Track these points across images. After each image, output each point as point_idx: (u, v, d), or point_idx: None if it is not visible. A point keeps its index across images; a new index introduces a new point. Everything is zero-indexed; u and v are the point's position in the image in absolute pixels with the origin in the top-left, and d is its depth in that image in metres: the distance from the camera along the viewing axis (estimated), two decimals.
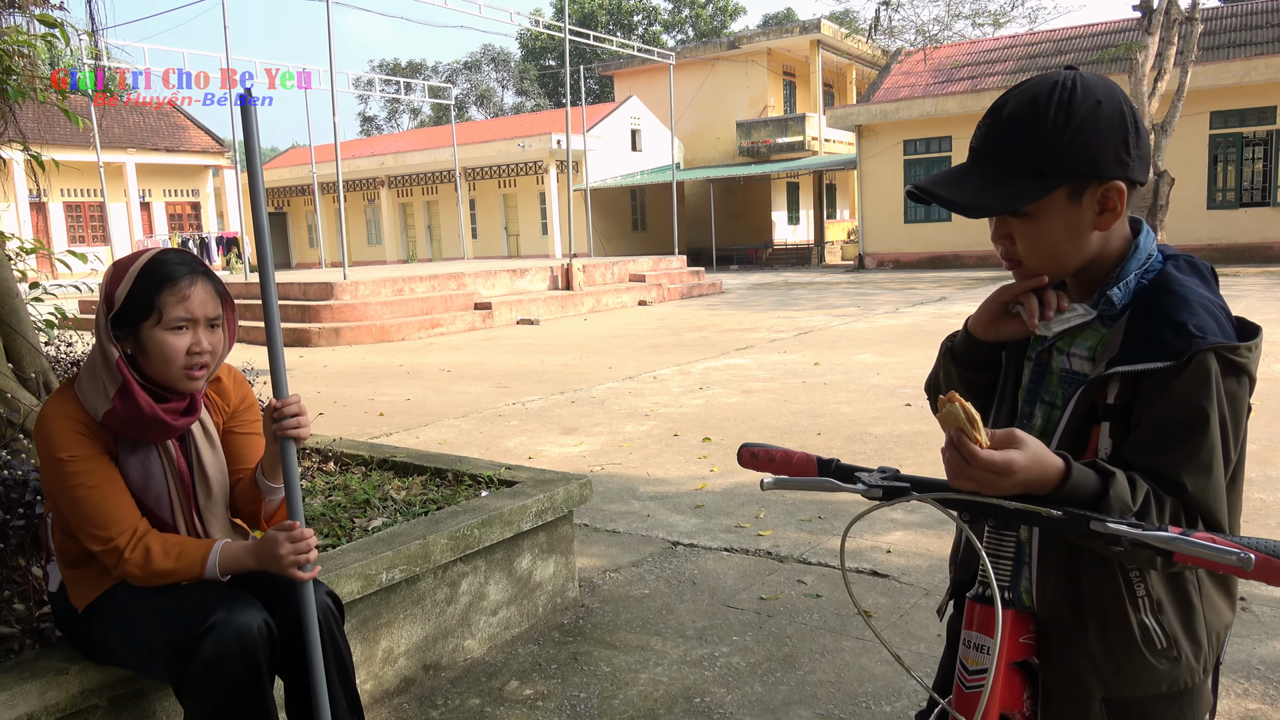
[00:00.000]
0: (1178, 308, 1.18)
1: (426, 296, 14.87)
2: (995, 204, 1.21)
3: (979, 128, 1.27)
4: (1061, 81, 1.21)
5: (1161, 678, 1.25)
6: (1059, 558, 1.28)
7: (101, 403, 1.89)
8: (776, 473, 1.39)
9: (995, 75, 25.32)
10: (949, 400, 1.10)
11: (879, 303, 16.00)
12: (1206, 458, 1.15)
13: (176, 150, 32.90)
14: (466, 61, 62.06)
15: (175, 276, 1.89)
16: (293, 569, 1.90)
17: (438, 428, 6.97)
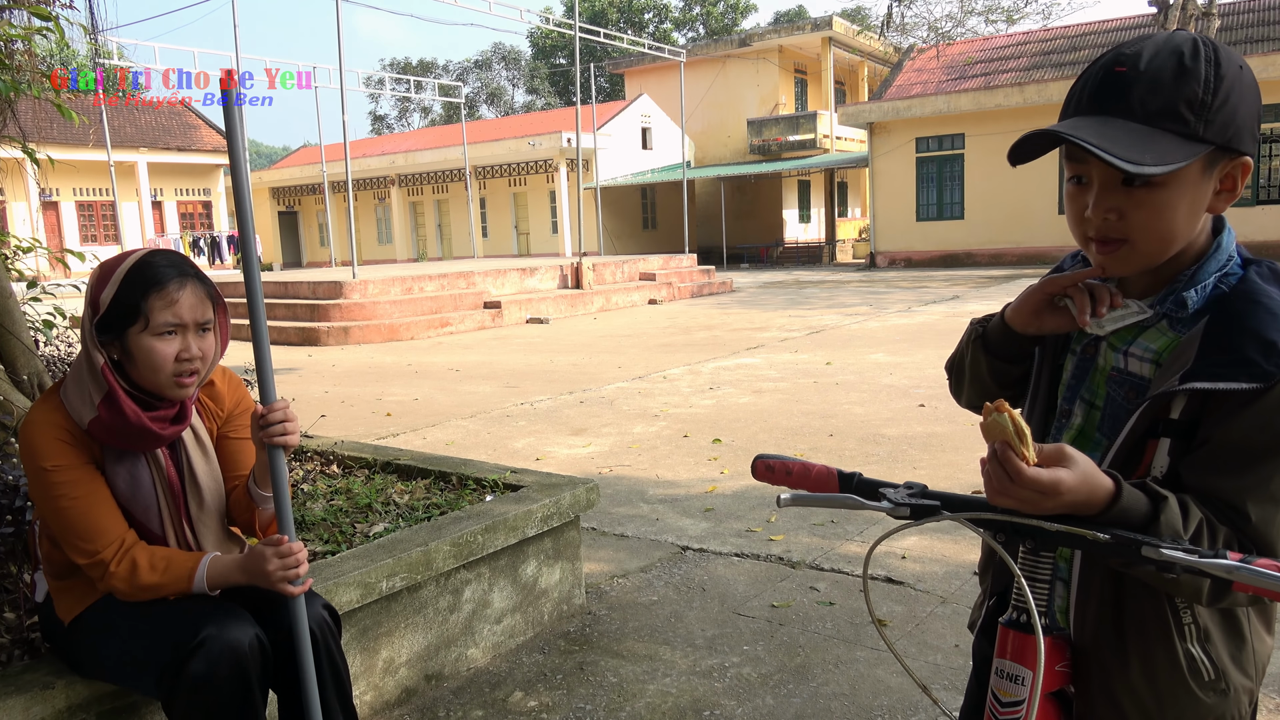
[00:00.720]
0: (1267, 323, 1.07)
1: (436, 295, 14.82)
2: (1153, 163, 1.04)
3: (1104, 77, 1.12)
4: (1199, 38, 1.09)
5: (1207, 712, 1.16)
6: (1101, 580, 1.18)
7: (87, 410, 1.81)
8: (794, 487, 1.30)
9: (1009, 72, 25.11)
10: (996, 409, 1.00)
11: (891, 301, 15.86)
12: (1277, 489, 1.05)
13: (188, 149, 32.98)
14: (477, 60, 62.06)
15: (163, 280, 1.80)
16: (282, 584, 1.82)
17: (445, 428, 6.90)
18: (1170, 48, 1.09)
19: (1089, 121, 1.10)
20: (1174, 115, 1.07)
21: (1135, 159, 1.04)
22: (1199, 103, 1.07)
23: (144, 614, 1.87)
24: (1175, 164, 1.05)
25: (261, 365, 1.82)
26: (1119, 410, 1.20)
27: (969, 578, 3.57)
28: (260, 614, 1.91)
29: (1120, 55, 1.12)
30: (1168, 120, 1.07)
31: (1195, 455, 1.09)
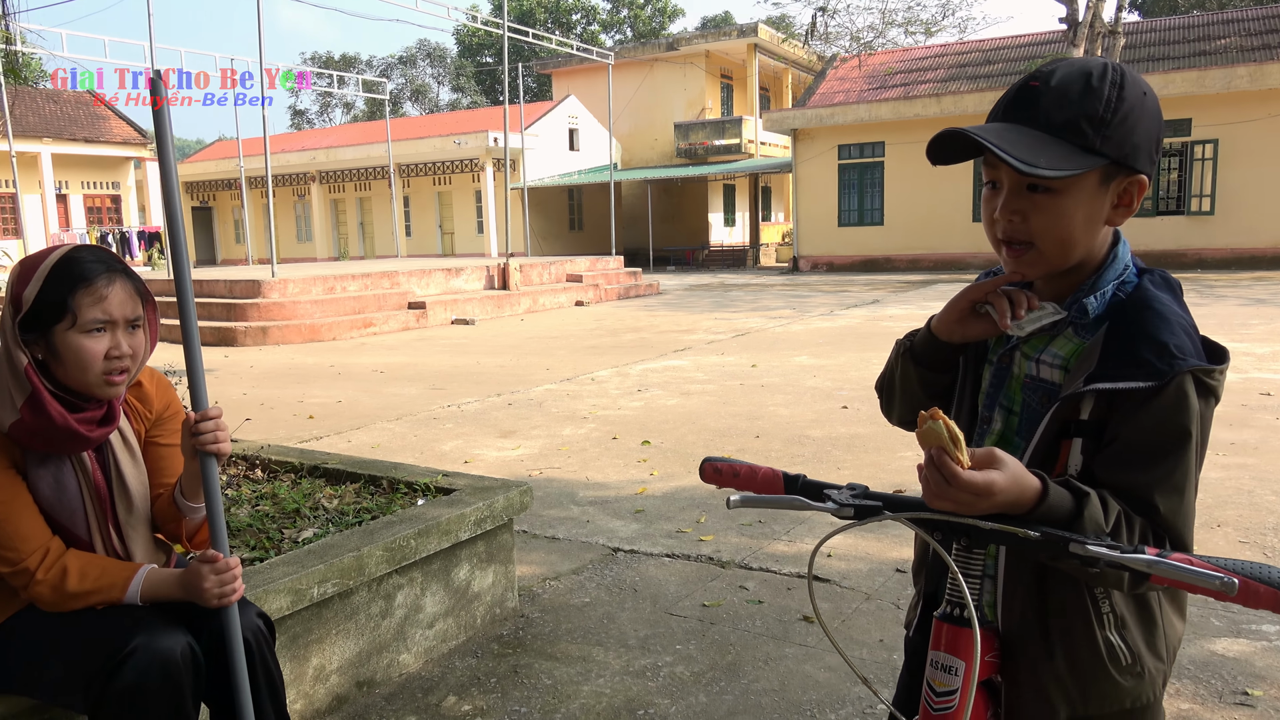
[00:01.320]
0: (1159, 326, 1.17)
1: (359, 295, 14.55)
2: (1046, 166, 1.13)
3: (1019, 91, 1.21)
4: (1110, 64, 1.19)
5: (1126, 694, 1.24)
6: (1027, 575, 1.25)
7: (7, 413, 1.75)
8: (741, 488, 1.35)
9: (927, 83, 25.85)
10: (931, 417, 1.06)
11: (814, 305, 16.18)
12: (1180, 480, 1.14)
13: (96, 141, 31.64)
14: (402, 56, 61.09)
15: (90, 275, 1.75)
16: (217, 601, 1.79)
17: (370, 430, 6.80)
18: (1081, 69, 1.19)
19: (999, 127, 1.20)
20: (1074, 128, 1.16)
21: (1030, 161, 1.13)
22: (1098, 119, 1.16)
23: (69, 624, 1.81)
24: (1068, 171, 1.15)
25: (193, 369, 1.78)
26: (1034, 415, 1.27)
27: (892, 574, 3.68)
28: (192, 622, 1.87)
29: (1037, 72, 1.21)
30: (1068, 132, 1.17)
31: (1105, 453, 1.17)
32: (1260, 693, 2.71)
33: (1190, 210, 21.99)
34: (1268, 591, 0.98)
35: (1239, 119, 20.99)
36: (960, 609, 1.24)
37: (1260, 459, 5.25)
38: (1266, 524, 4.19)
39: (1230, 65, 20.80)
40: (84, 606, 1.81)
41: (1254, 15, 23.95)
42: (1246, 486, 4.74)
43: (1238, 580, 0.97)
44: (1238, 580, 0.97)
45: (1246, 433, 5.85)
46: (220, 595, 1.80)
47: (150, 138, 32.78)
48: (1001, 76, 24.65)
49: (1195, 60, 22.18)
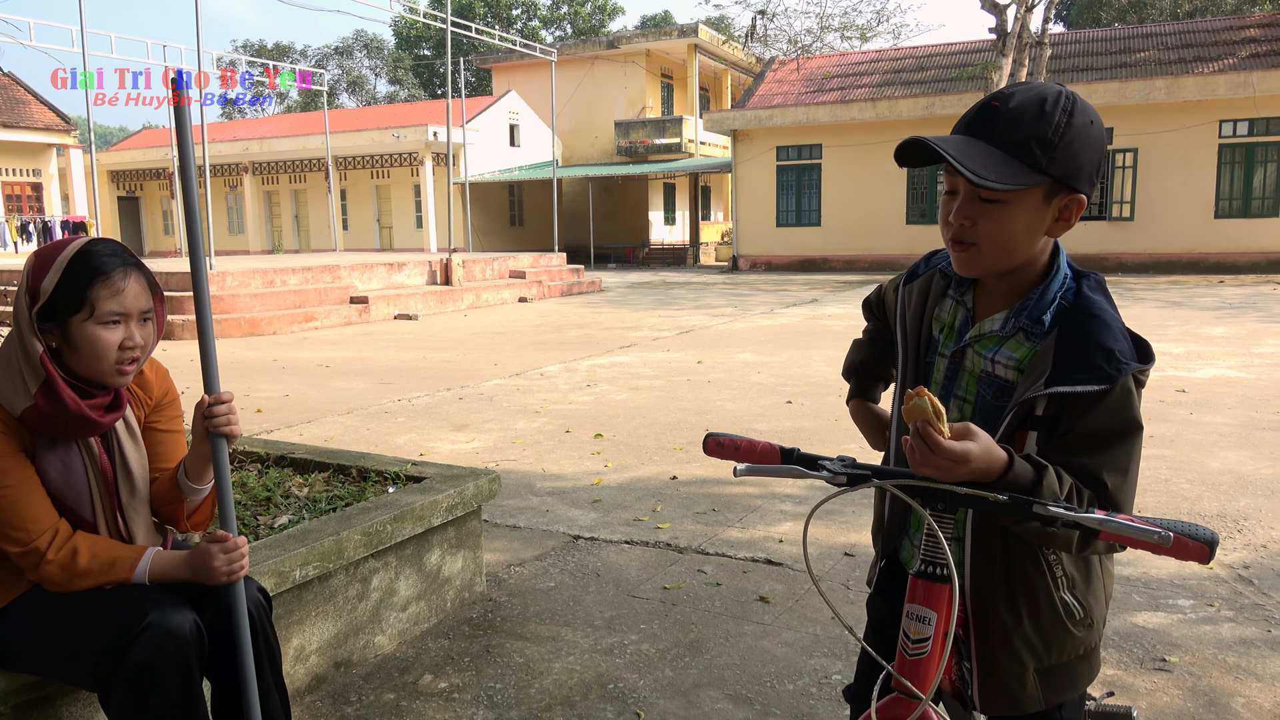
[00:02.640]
0: (1104, 334, 1.33)
1: (299, 289, 14.37)
2: (995, 179, 1.28)
3: (983, 110, 1.35)
4: (1064, 92, 1.34)
5: (1080, 643, 1.46)
6: (991, 541, 1.43)
7: (20, 399, 1.81)
8: (741, 460, 1.50)
9: (863, 88, 26.43)
10: (917, 394, 1.23)
11: (755, 304, 16.48)
12: (1125, 461, 1.33)
13: (15, 126, 30.42)
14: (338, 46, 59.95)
15: (108, 269, 1.82)
16: (226, 578, 1.88)
17: (321, 425, 6.80)
18: (1038, 94, 1.34)
19: (960, 140, 1.35)
20: (1025, 147, 1.31)
21: (982, 174, 1.28)
22: (1046, 141, 1.30)
23: (76, 603, 1.88)
24: (1015, 186, 1.29)
25: (206, 356, 1.87)
26: (988, 406, 1.45)
27: (841, 558, 3.89)
28: (193, 599, 1.95)
29: (998, 94, 1.37)
30: (1019, 151, 1.31)
31: (1060, 441, 1.35)
32: (1177, 659, 2.97)
33: (1111, 216, 22.93)
34: (1196, 545, 1.18)
35: (1156, 129, 21.98)
36: (935, 566, 1.41)
37: (1175, 450, 5.61)
38: (1181, 509, 4.51)
39: (1149, 78, 21.75)
40: (91, 586, 1.88)
41: (1171, 30, 25.08)
42: (1163, 475, 5.08)
43: (1172, 535, 1.16)
44: (1172, 535, 1.16)
45: (1163, 426, 6.23)
46: (229, 573, 1.89)
47: (75, 124, 31.71)
48: (935, 82, 25.34)
49: (1117, 72, 23.13)
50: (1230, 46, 22.89)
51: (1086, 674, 1.50)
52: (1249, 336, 10.76)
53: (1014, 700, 1.47)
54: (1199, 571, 3.69)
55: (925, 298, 1.57)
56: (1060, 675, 1.47)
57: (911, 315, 1.59)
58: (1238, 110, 21.32)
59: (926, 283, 1.58)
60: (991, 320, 1.46)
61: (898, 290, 1.66)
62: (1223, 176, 21.82)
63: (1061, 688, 1.48)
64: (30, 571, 1.87)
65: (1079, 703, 1.58)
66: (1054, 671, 1.46)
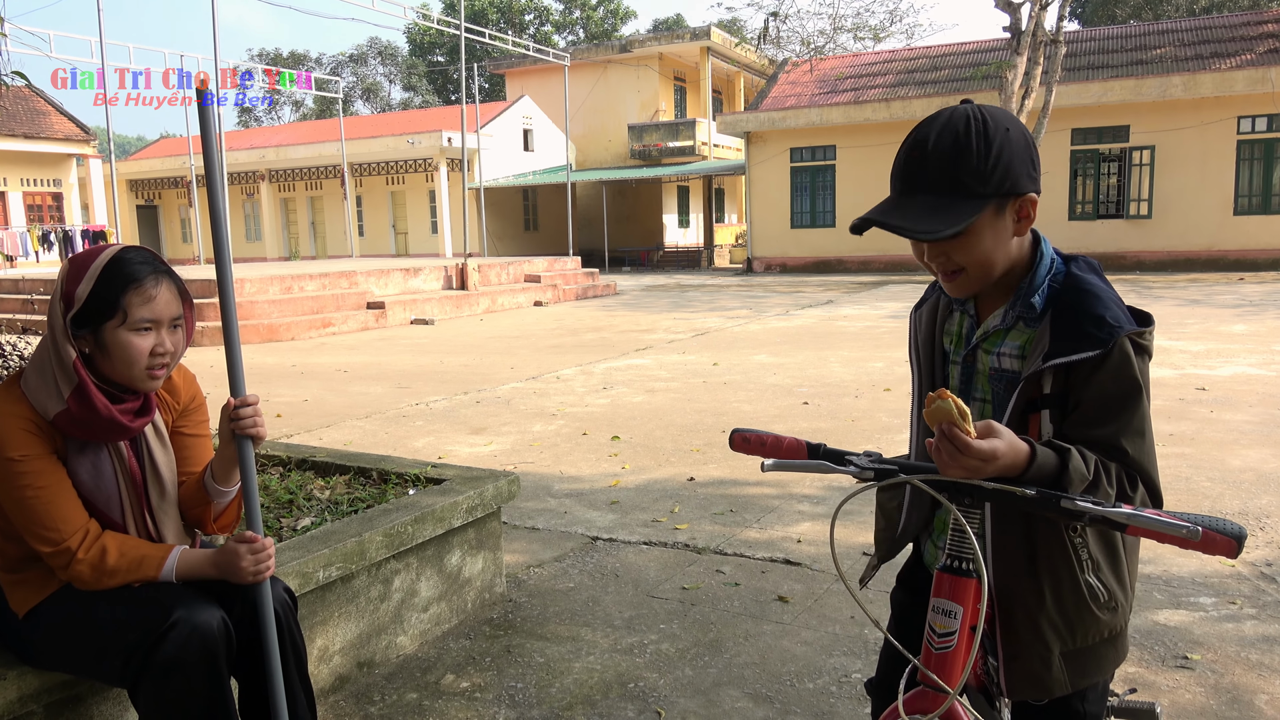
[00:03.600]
0: (1093, 304, 1.39)
1: (317, 295, 14.47)
2: (946, 228, 1.34)
3: (906, 161, 1.40)
4: (970, 114, 1.38)
5: (1105, 626, 1.47)
6: (1016, 531, 1.45)
7: (53, 403, 1.84)
8: (768, 455, 1.52)
9: (876, 88, 26.37)
10: (940, 397, 1.24)
11: (770, 305, 16.47)
12: (1139, 424, 1.36)
13: (36, 137, 30.79)
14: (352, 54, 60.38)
15: (140, 276, 1.86)
16: (253, 578, 1.91)
17: (340, 429, 6.85)
18: (949, 128, 1.37)
19: (900, 202, 1.40)
20: (958, 184, 1.36)
21: (930, 229, 1.35)
22: (974, 170, 1.36)
23: (106, 602, 1.91)
24: (965, 221, 1.35)
25: (233, 360, 1.90)
26: (1003, 401, 1.48)
27: (860, 558, 3.89)
28: (221, 597, 1.98)
29: (915, 141, 1.41)
30: (955, 188, 1.36)
31: (1072, 417, 1.39)
32: (1199, 656, 2.95)
33: (1129, 214, 22.78)
34: (1224, 540, 1.19)
35: (1174, 126, 21.82)
36: (961, 561, 1.42)
37: (1196, 449, 5.58)
38: (1202, 507, 4.48)
39: (1165, 75, 21.59)
40: (120, 584, 1.91)
41: (1187, 26, 24.89)
42: (1184, 474, 5.05)
43: (1201, 530, 1.17)
44: (1201, 530, 1.17)
45: (1184, 424, 6.19)
46: (256, 573, 1.91)
47: (94, 134, 32.06)
48: (949, 82, 25.27)
49: (1133, 69, 22.97)
50: (1248, 42, 22.70)
51: (1112, 658, 1.50)
52: (1270, 334, 10.67)
53: (1040, 683, 1.47)
54: (1220, 569, 3.67)
55: (934, 317, 1.64)
56: (1085, 658, 1.48)
57: (924, 335, 1.65)
58: (1256, 106, 21.13)
59: (934, 305, 1.65)
60: (993, 317, 1.51)
61: (911, 317, 1.73)
62: (1241, 173, 21.63)
63: (1087, 671, 1.48)
64: (61, 571, 1.90)
65: (1102, 694, 1.59)
66: (1079, 655, 1.47)
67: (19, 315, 14.12)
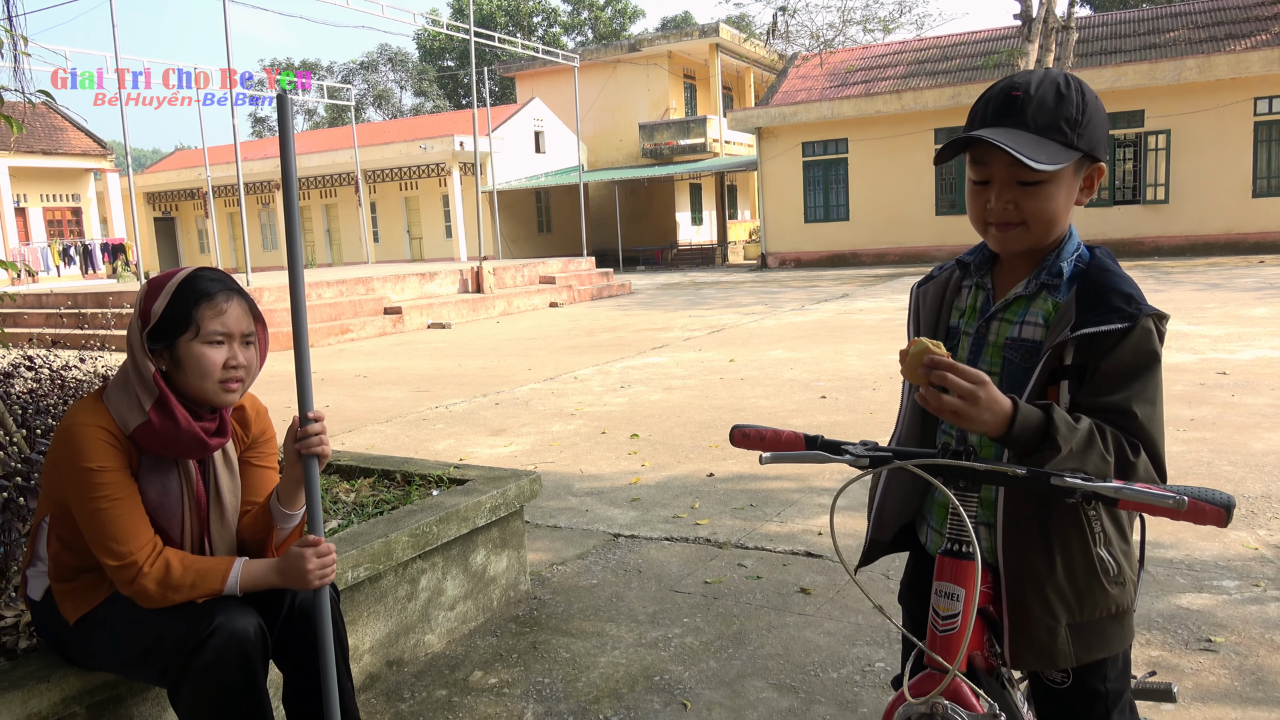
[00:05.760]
0: (1122, 283, 1.45)
1: (335, 302, 14.59)
2: (1049, 162, 1.39)
3: (1005, 99, 1.44)
4: (1065, 74, 1.46)
5: (1112, 601, 1.49)
6: (1030, 502, 1.48)
7: (134, 416, 1.90)
8: (767, 449, 1.55)
9: (887, 79, 26.28)
10: (911, 344, 1.31)
11: (785, 301, 16.46)
12: (1151, 393, 1.40)
13: (54, 153, 31.17)
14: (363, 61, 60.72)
15: (212, 292, 1.94)
16: (318, 582, 1.96)
17: (362, 434, 6.92)
18: (1050, 80, 1.45)
19: (998, 130, 1.44)
20: (1057, 129, 1.43)
21: (1035, 158, 1.39)
22: (1073, 120, 1.43)
23: (151, 609, 1.96)
24: (1061, 164, 1.42)
25: (301, 376, 1.95)
26: (1017, 370, 1.51)
27: None
28: (259, 598, 2.03)
29: (1014, 83, 1.47)
30: (1053, 132, 1.42)
31: (1089, 384, 1.43)
32: (1222, 639, 2.96)
33: (1146, 199, 22.59)
34: (1213, 509, 1.22)
35: (1189, 110, 21.63)
36: (961, 545, 1.45)
37: (1217, 433, 5.55)
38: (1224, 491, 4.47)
39: (1179, 58, 21.40)
40: (184, 600, 1.92)
41: (1201, 8, 24.64)
42: (1205, 458, 5.04)
43: (1187, 500, 1.20)
44: (1187, 500, 1.20)
45: (1204, 409, 6.16)
46: (321, 576, 1.97)
47: (111, 149, 32.39)
48: (960, 72, 25.15)
49: (1146, 53, 22.79)
50: (1263, 22, 22.46)
51: (1118, 636, 1.52)
52: None
53: (1044, 653, 1.49)
54: (1243, 552, 3.67)
55: (943, 293, 1.67)
56: (1091, 632, 1.50)
57: (927, 310, 1.68)
58: (1272, 87, 20.92)
59: (943, 282, 1.68)
60: (1016, 287, 1.55)
61: (913, 292, 1.76)
62: (1259, 154, 21.40)
63: (1092, 645, 1.50)
64: (124, 586, 1.91)
65: (1123, 672, 1.60)
66: (1085, 628, 1.49)
67: (46, 329, 14.31)
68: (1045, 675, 1.60)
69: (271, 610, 2.04)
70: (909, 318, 1.75)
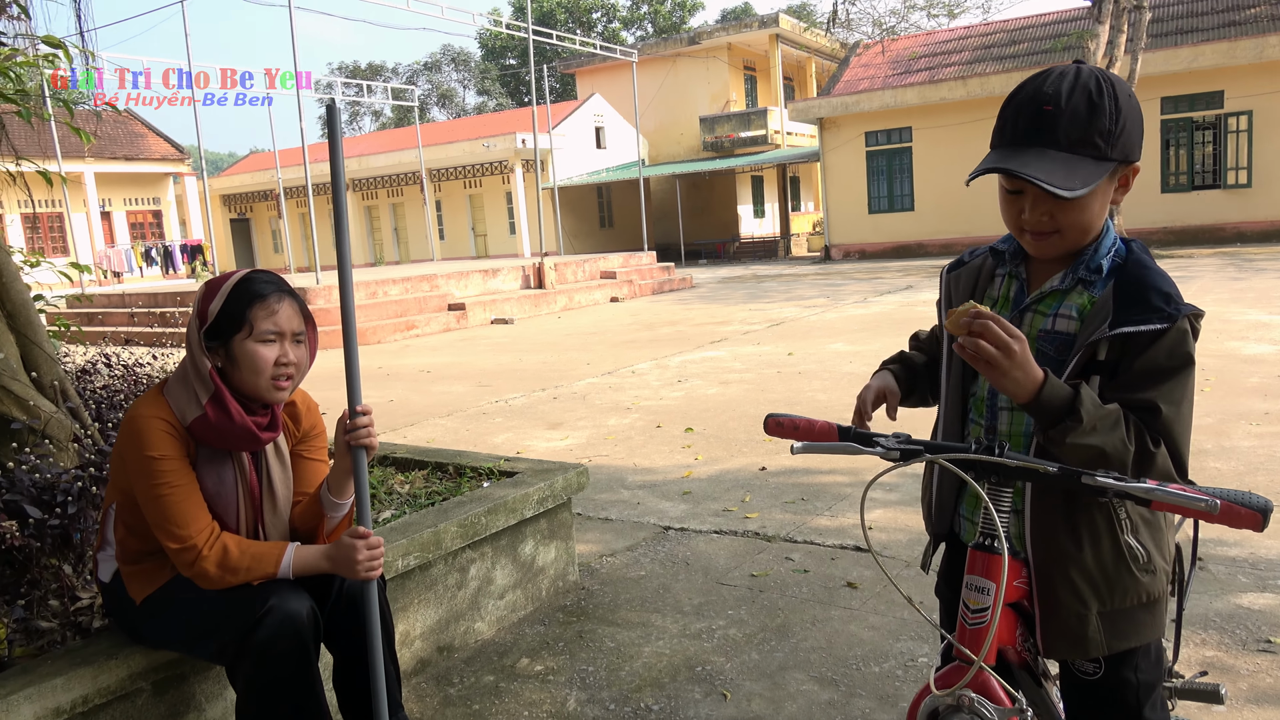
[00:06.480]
0: (1161, 281, 1.44)
1: (400, 299, 14.91)
2: (1080, 186, 1.37)
3: (1036, 114, 1.40)
4: (1100, 77, 1.40)
5: (1143, 589, 1.49)
6: (1058, 495, 1.48)
7: (191, 409, 2.02)
8: (801, 439, 1.57)
9: (952, 66, 25.74)
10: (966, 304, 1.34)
11: (847, 293, 16.29)
12: (1179, 394, 1.39)
13: (135, 158, 32.46)
14: (427, 62, 61.71)
15: (265, 293, 2.05)
16: (365, 573, 2.05)
17: (423, 427, 7.09)
18: (1082, 88, 1.40)
19: (1028, 154, 1.41)
20: (1090, 144, 1.39)
21: (1065, 185, 1.37)
22: (1107, 132, 1.39)
23: (208, 591, 2.07)
24: (1094, 183, 1.39)
25: (351, 371, 2.05)
26: (1049, 363, 1.50)
27: (922, 542, 3.87)
28: (309, 583, 2.13)
29: (1043, 94, 1.41)
30: (1086, 148, 1.39)
31: (1119, 379, 1.42)
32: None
33: (1226, 184, 21.72)
34: (1248, 513, 1.21)
35: (1273, 89, 20.71)
36: (991, 539, 1.46)
37: None
38: None
39: (1261, 35, 20.51)
40: (242, 583, 2.04)
41: None
42: (1279, 453, 4.87)
43: (1220, 502, 1.19)
44: (1220, 502, 1.19)
45: None
46: (369, 569, 2.06)
47: (188, 153, 33.55)
48: (1028, 56, 24.50)
49: (1225, 31, 21.88)
50: None
51: (1150, 625, 1.51)
52: None
53: (1076, 641, 1.50)
54: None
55: (975, 279, 1.65)
56: (1122, 620, 1.50)
57: (960, 295, 1.67)
58: None
59: (976, 268, 1.67)
60: (1052, 279, 1.54)
61: (943, 277, 1.74)
62: None
63: (1124, 634, 1.50)
64: (185, 568, 2.03)
65: (1155, 663, 1.58)
66: (1116, 616, 1.49)
67: (123, 328, 14.92)
68: (1076, 667, 1.60)
69: (321, 594, 2.14)
70: (939, 302, 1.75)
